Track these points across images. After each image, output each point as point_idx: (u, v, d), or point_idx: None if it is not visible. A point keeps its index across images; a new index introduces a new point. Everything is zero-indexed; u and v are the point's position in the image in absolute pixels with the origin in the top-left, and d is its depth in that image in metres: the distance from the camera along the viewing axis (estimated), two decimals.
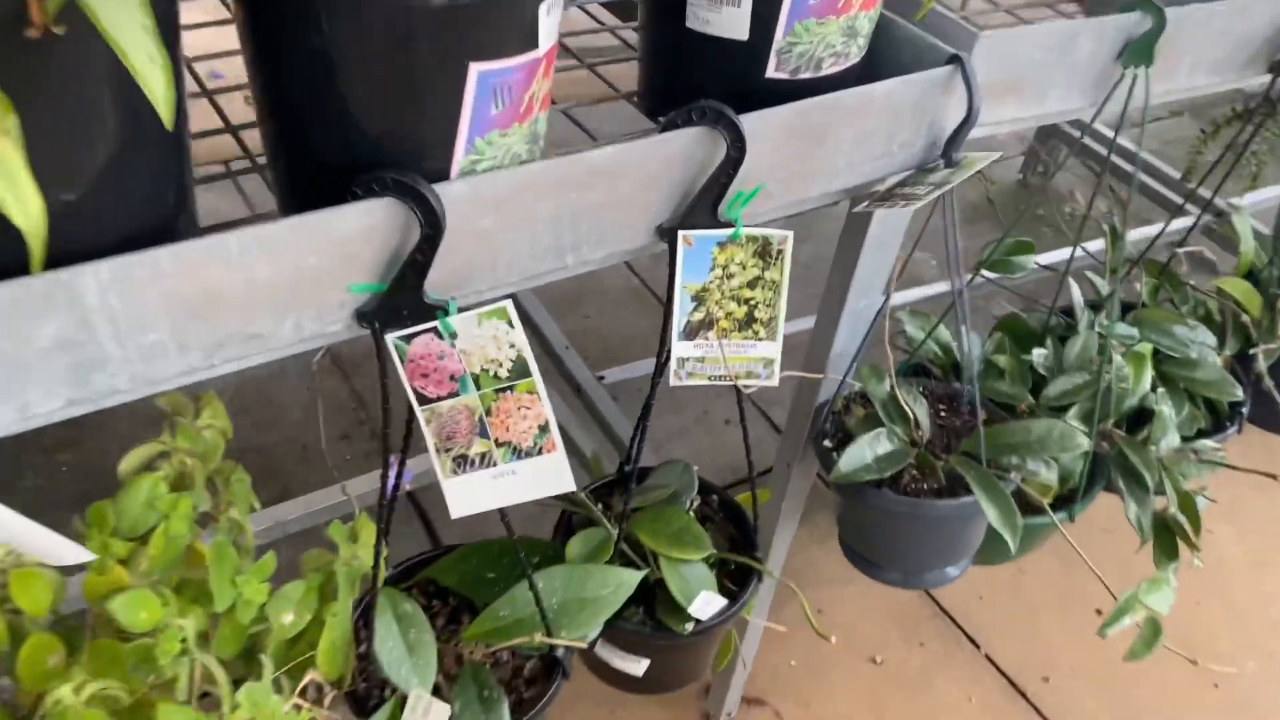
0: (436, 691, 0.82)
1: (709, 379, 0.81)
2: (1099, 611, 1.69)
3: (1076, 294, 1.31)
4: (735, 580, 0.97)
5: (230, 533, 0.76)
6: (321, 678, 0.77)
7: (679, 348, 0.79)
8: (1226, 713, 1.57)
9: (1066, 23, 0.93)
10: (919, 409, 1.00)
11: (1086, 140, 2.33)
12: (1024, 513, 1.07)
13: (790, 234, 0.76)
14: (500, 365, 0.65)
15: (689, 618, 0.91)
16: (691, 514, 1.03)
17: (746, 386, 0.82)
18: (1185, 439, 1.29)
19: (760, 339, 0.79)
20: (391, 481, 0.86)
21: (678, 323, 0.78)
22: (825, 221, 1.36)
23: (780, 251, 0.76)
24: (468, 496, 0.68)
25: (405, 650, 0.80)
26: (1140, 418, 1.22)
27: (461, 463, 0.68)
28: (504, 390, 0.66)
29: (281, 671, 0.77)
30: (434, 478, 1.49)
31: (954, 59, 0.83)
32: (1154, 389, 1.30)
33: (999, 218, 2.46)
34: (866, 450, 0.96)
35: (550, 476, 0.67)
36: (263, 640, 0.78)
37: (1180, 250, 1.40)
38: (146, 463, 0.70)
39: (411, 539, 1.64)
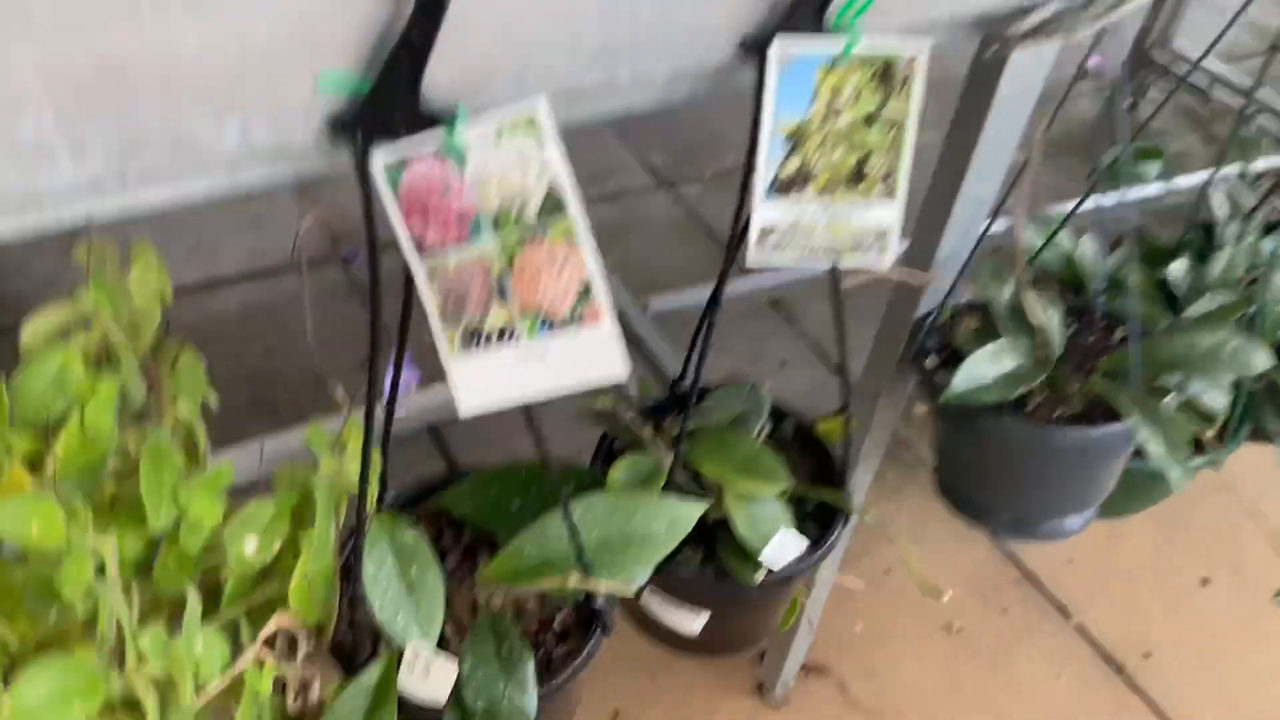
0: (444, 645, 0.65)
1: (801, 253, 0.62)
2: (1205, 581, 1.49)
3: (1219, 204, 1.10)
4: (813, 525, 0.79)
5: (175, 434, 0.58)
6: (294, 624, 0.60)
7: (764, 209, 0.60)
8: None
9: None
10: (1052, 319, 0.81)
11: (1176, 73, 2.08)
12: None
13: (927, 46, 0.56)
14: (527, 201, 0.47)
15: (759, 565, 0.73)
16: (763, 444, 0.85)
17: (850, 268, 0.63)
18: None
19: (873, 200, 0.60)
20: (390, 383, 0.68)
21: (763, 174, 0.59)
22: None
23: (908, 79, 0.57)
24: (482, 385, 0.50)
25: (403, 591, 0.63)
26: None
27: (474, 339, 0.50)
28: (532, 237, 0.47)
29: (241, 615, 0.60)
30: (455, 408, 1.31)
31: None
32: None
33: (1086, 152, 2.24)
34: (987, 366, 0.77)
35: (594, 357, 0.49)
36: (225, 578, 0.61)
37: None
38: (57, 332, 0.53)
39: None
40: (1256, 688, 1.36)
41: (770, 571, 0.73)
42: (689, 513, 0.70)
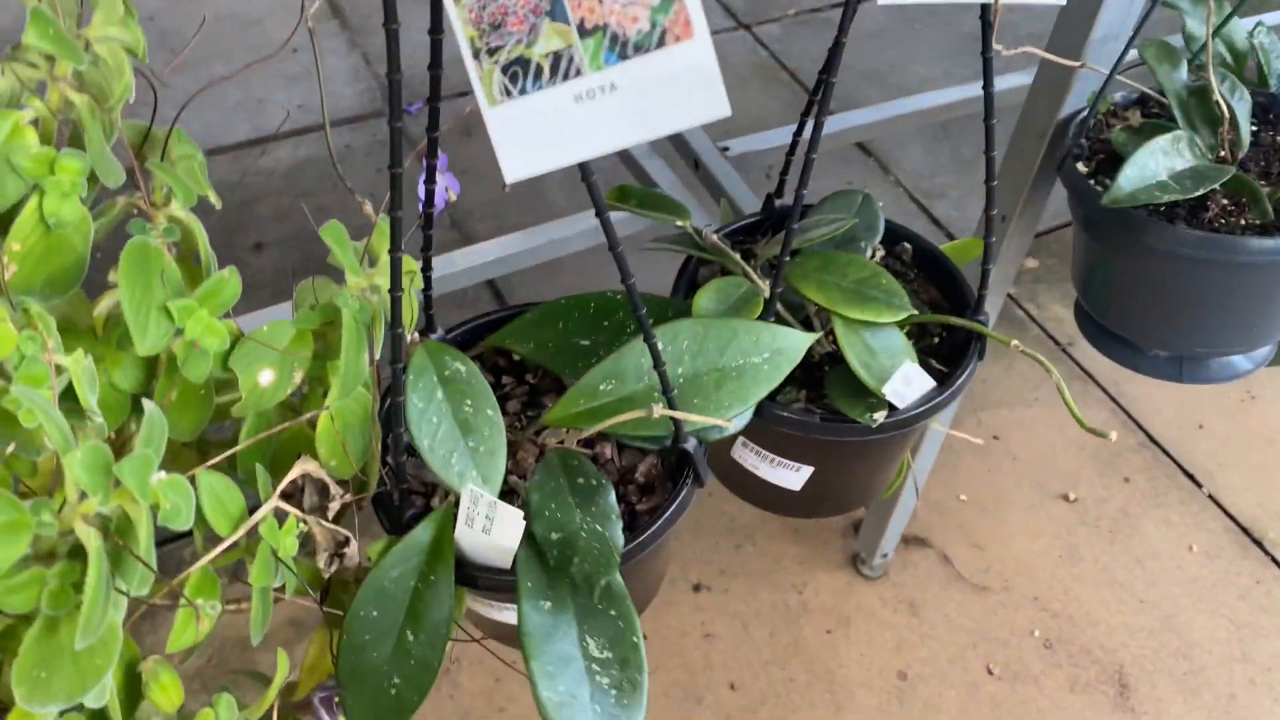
0: (509, 497, 0.55)
1: None
2: None
3: None
4: (935, 367, 0.67)
5: (166, 236, 0.48)
6: (323, 472, 0.50)
7: None
8: None
9: None
10: (1240, 105, 0.66)
11: None
12: None
13: None
14: None
15: (877, 404, 0.61)
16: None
17: None
18: None
19: None
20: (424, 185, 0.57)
21: None
22: None
23: None
24: (533, 139, 0.38)
25: (456, 429, 0.52)
26: None
27: (521, 74, 0.37)
28: None
29: (262, 463, 0.51)
30: (516, 263, 1.19)
31: None
32: None
33: None
34: (1161, 160, 0.62)
35: (682, 89, 0.36)
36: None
37: None
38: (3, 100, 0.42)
39: None
40: None
41: (893, 410, 0.61)
42: (796, 342, 0.58)
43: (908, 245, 0.72)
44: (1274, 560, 1.22)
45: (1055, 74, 0.72)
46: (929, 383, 0.62)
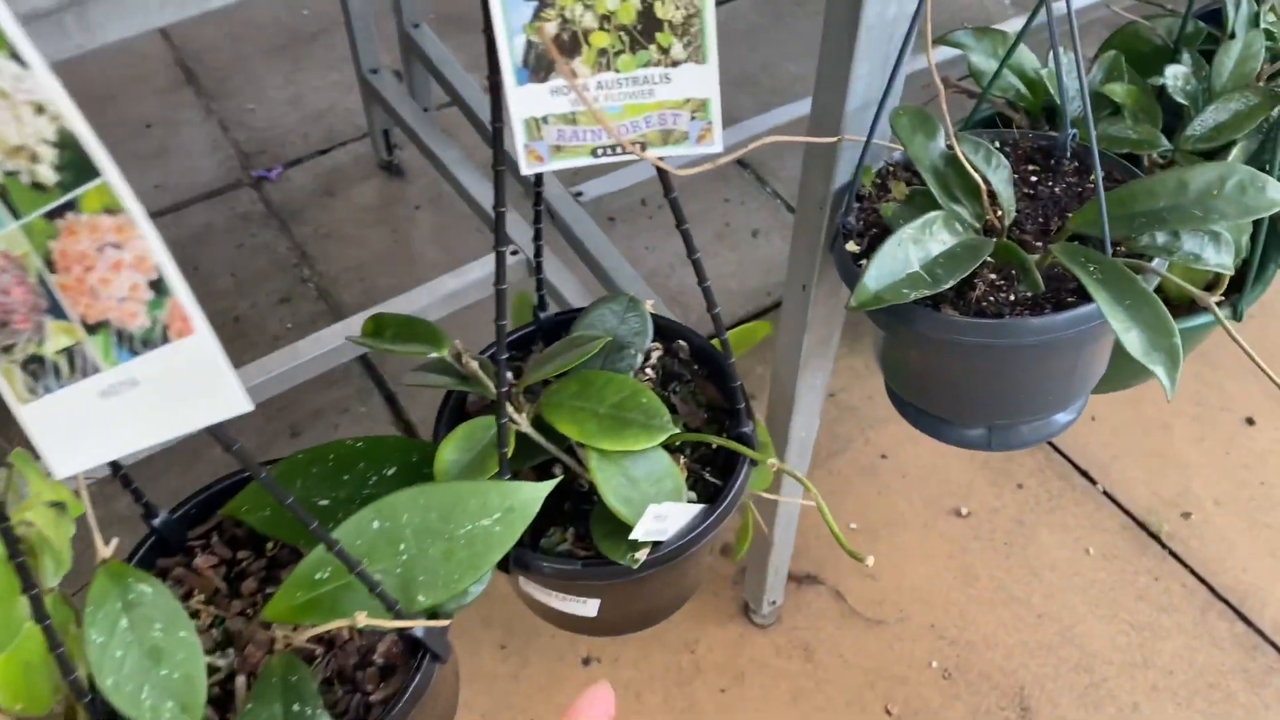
0: (223, 706, 0.51)
1: (591, 153, 0.44)
2: (1250, 421, 1.31)
3: None
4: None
5: None
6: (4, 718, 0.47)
7: (520, 98, 0.42)
8: None
9: None
10: (996, 174, 0.62)
11: None
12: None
13: None
14: (36, 159, 0.30)
15: (641, 541, 0.58)
16: (652, 373, 0.68)
17: (667, 160, 0.45)
18: None
19: (674, 62, 0.42)
20: None
21: (506, 48, 0.41)
22: None
23: None
24: (73, 438, 0.34)
25: (144, 658, 0.48)
26: None
27: (40, 371, 0.33)
28: (62, 214, 0.30)
29: None
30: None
31: None
32: None
33: None
34: (908, 251, 0.58)
35: (201, 385, 0.32)
36: None
37: None
38: None
39: (369, 422, 1.33)
40: None
41: (657, 546, 0.58)
42: (530, 495, 0.54)
43: (684, 344, 0.68)
44: (1171, 553, 1.20)
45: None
46: (691, 511, 0.58)
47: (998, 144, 0.72)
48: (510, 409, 0.60)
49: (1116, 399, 1.34)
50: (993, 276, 0.62)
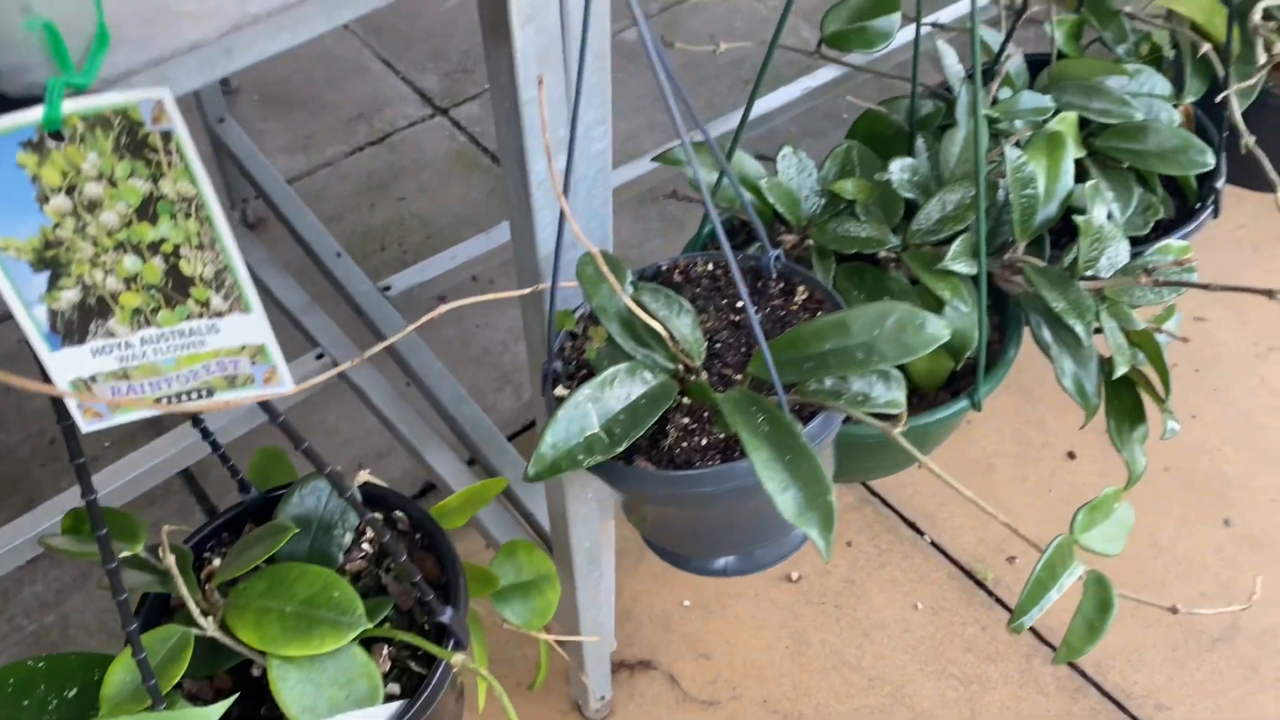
0: None
1: (156, 403, 0.42)
2: (1071, 455, 1.34)
3: (949, 59, 0.89)
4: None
5: None
6: None
7: (60, 363, 0.40)
8: (1241, 552, 1.24)
9: None
10: (680, 319, 0.61)
11: None
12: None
13: (167, 92, 0.35)
14: None
15: None
16: (369, 547, 0.66)
17: (244, 401, 0.43)
18: (1140, 240, 0.90)
19: (217, 312, 0.40)
20: None
21: (28, 319, 0.39)
22: None
23: (168, 138, 0.36)
24: None
25: None
26: (1071, 226, 0.83)
27: None
28: None
29: None
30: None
31: None
32: (1085, 178, 0.90)
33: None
34: (588, 410, 0.57)
35: None
36: None
37: None
38: None
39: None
40: (1144, 566, 1.23)
41: None
42: None
43: (402, 514, 0.66)
44: (997, 600, 1.21)
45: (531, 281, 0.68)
46: (386, 713, 0.56)
47: (711, 265, 0.72)
48: (198, 612, 0.58)
49: (941, 447, 1.35)
50: (685, 420, 0.61)
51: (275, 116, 1.84)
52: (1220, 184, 0.92)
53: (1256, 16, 0.90)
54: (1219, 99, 0.90)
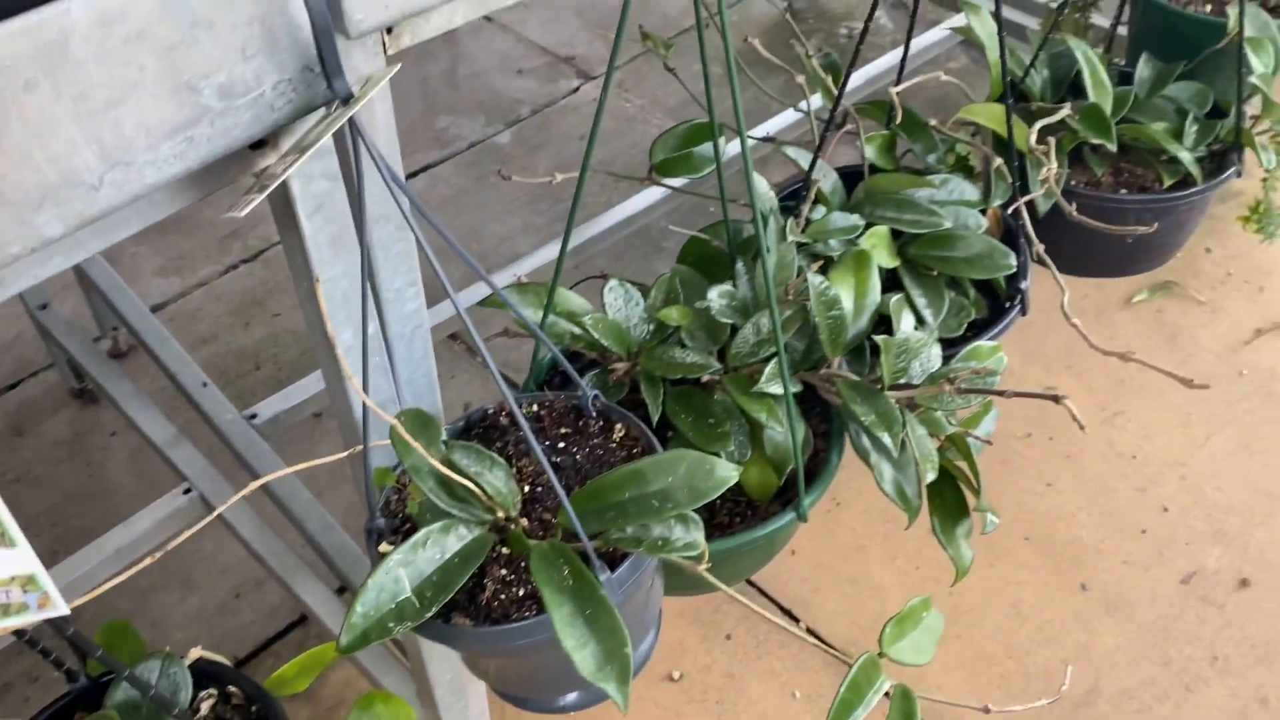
0: None
1: None
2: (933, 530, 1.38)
3: (761, 187, 0.94)
4: None
5: None
6: None
7: None
8: (1097, 615, 1.29)
9: None
10: (493, 474, 0.64)
11: None
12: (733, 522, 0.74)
13: None
14: None
15: None
16: None
17: (22, 625, 0.44)
18: (955, 341, 0.96)
19: None
20: None
21: None
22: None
23: None
24: None
25: None
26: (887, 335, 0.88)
27: None
28: None
29: None
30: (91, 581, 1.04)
31: None
32: (899, 286, 0.96)
33: (769, 61, 2.06)
34: (399, 576, 0.59)
35: None
36: None
37: (895, 90, 1.03)
38: None
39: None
40: (1006, 637, 1.27)
41: None
42: None
43: (238, 689, 0.67)
44: None
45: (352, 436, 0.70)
46: None
47: (535, 406, 0.75)
48: None
49: (813, 530, 1.40)
50: (504, 572, 0.64)
51: (147, 239, 1.83)
52: (1024, 284, 0.98)
53: (1032, 139, 0.97)
54: (1010, 210, 0.97)
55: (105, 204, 0.45)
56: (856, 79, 1.61)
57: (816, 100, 1.12)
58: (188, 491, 1.22)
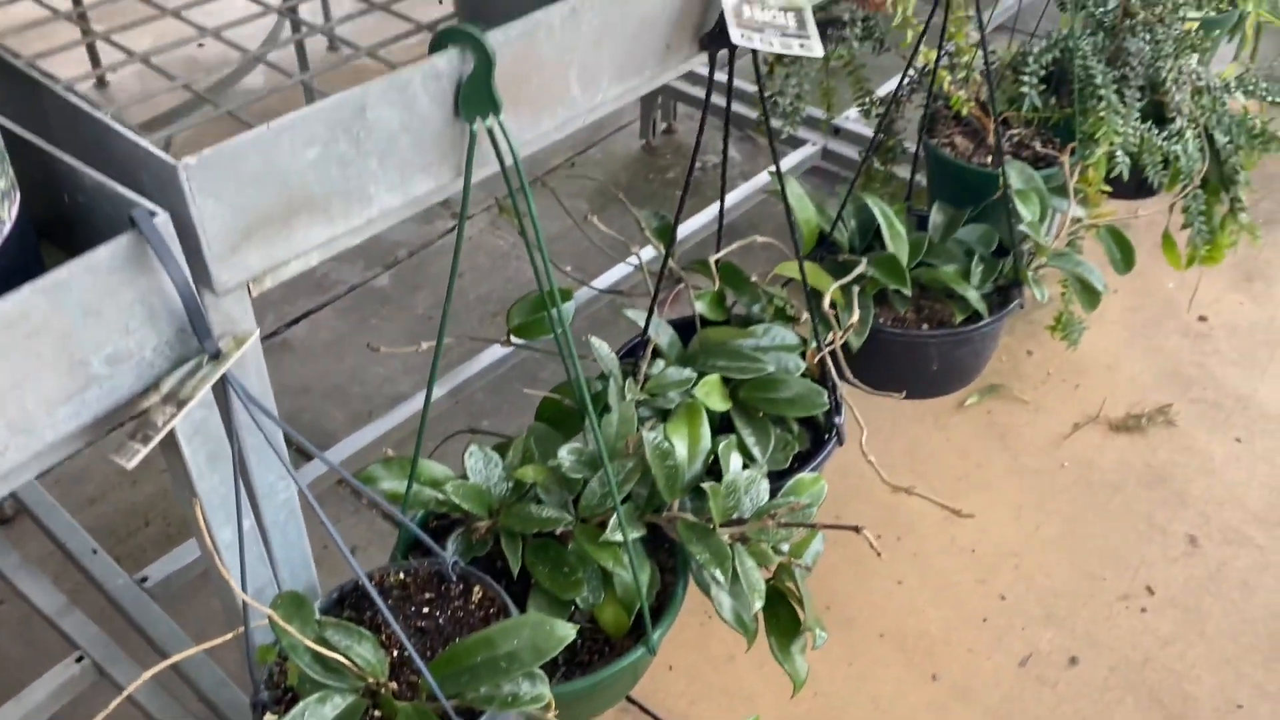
0: None
1: None
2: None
3: (603, 350, 1.07)
4: None
5: None
6: None
7: None
8: (948, 703, 1.42)
9: (348, 94, 0.65)
10: (361, 647, 0.73)
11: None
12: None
13: None
14: None
15: None
16: None
17: None
18: (783, 474, 1.09)
19: None
20: None
21: None
22: None
23: None
24: None
25: None
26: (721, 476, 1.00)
27: None
28: None
29: None
30: None
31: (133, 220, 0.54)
32: (733, 427, 1.08)
33: (634, 195, 2.23)
34: None
35: None
36: None
37: (714, 258, 1.18)
38: None
39: None
40: None
41: None
42: None
43: None
44: None
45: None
46: None
47: (402, 575, 0.84)
48: None
49: (687, 643, 1.50)
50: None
51: None
52: (839, 419, 1.12)
53: (826, 303, 1.13)
54: (817, 359, 1.12)
55: (10, 464, 0.53)
56: (698, 220, 1.77)
57: (649, 252, 1.26)
58: (80, 659, 1.25)
